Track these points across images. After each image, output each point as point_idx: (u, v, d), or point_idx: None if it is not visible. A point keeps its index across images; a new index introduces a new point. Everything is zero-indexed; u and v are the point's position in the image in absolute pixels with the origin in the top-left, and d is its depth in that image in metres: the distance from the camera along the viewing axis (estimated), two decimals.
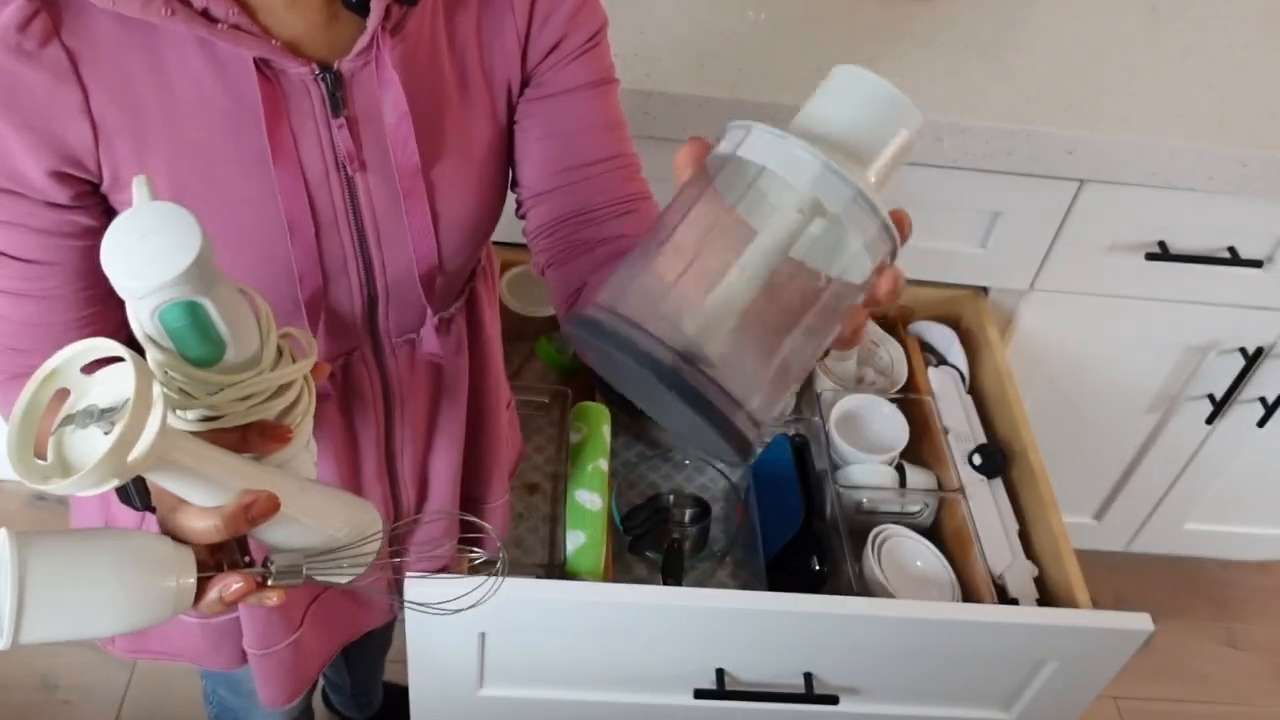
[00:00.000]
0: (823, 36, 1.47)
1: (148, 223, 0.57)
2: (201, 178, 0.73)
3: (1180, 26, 1.61)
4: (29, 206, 0.71)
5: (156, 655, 1.09)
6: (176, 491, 0.61)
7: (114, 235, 0.57)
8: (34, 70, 0.66)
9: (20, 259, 0.73)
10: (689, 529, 1.31)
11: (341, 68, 0.73)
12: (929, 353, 1.54)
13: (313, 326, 0.82)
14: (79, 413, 0.58)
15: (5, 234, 0.72)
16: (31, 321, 0.76)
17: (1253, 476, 1.88)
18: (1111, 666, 1.17)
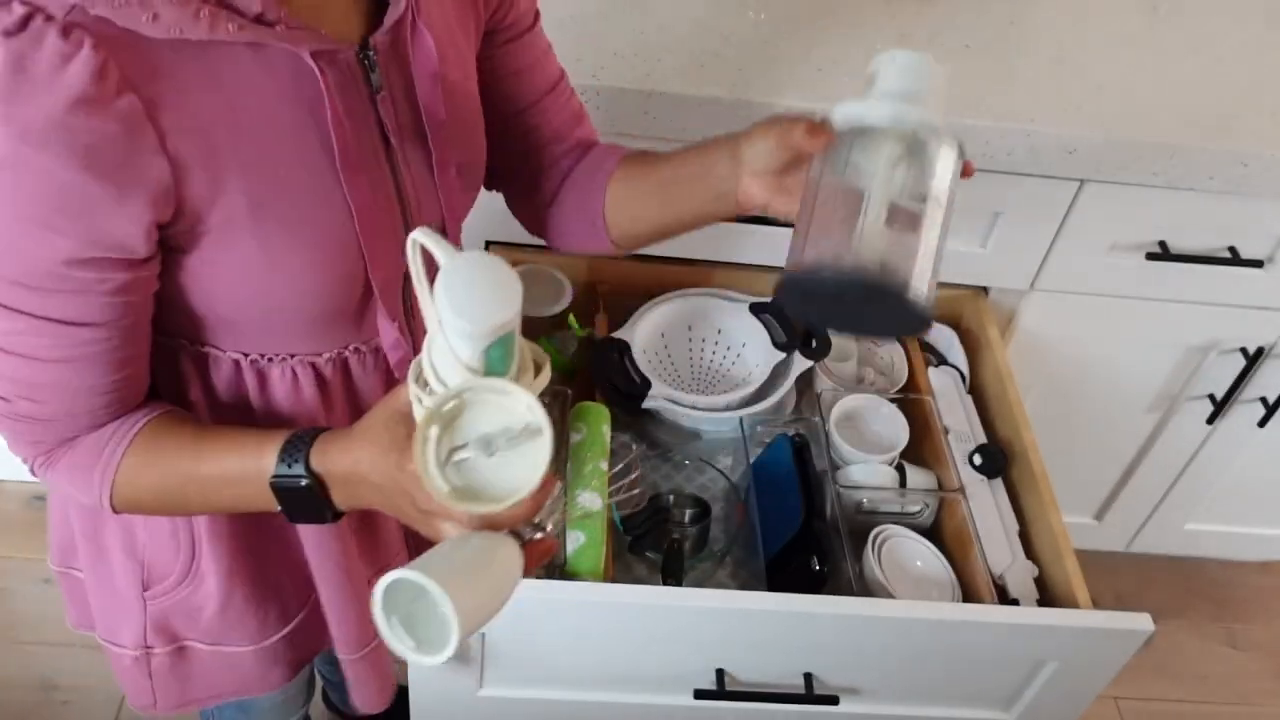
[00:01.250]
0: (823, 36, 1.47)
1: (466, 274, 0.65)
2: (274, 186, 0.73)
3: (1180, 26, 1.61)
4: (106, 270, 0.70)
5: (205, 702, 1.08)
6: None
7: (447, 293, 0.64)
8: (112, 122, 0.64)
9: (93, 324, 0.72)
10: (689, 529, 1.31)
11: (376, 42, 0.75)
12: (929, 353, 1.54)
13: (389, 309, 0.84)
14: (472, 442, 0.67)
15: (79, 303, 0.70)
16: (93, 385, 0.75)
17: (1253, 476, 1.88)
18: (1111, 666, 1.17)
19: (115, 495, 0.80)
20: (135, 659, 1.02)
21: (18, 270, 0.68)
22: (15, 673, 1.75)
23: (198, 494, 0.82)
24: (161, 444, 0.80)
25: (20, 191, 0.64)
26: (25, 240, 0.67)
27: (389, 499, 0.76)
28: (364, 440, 0.76)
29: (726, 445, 1.40)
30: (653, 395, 1.34)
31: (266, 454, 0.78)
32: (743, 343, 1.46)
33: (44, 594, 1.85)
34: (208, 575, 0.96)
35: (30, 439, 0.79)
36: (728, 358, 1.48)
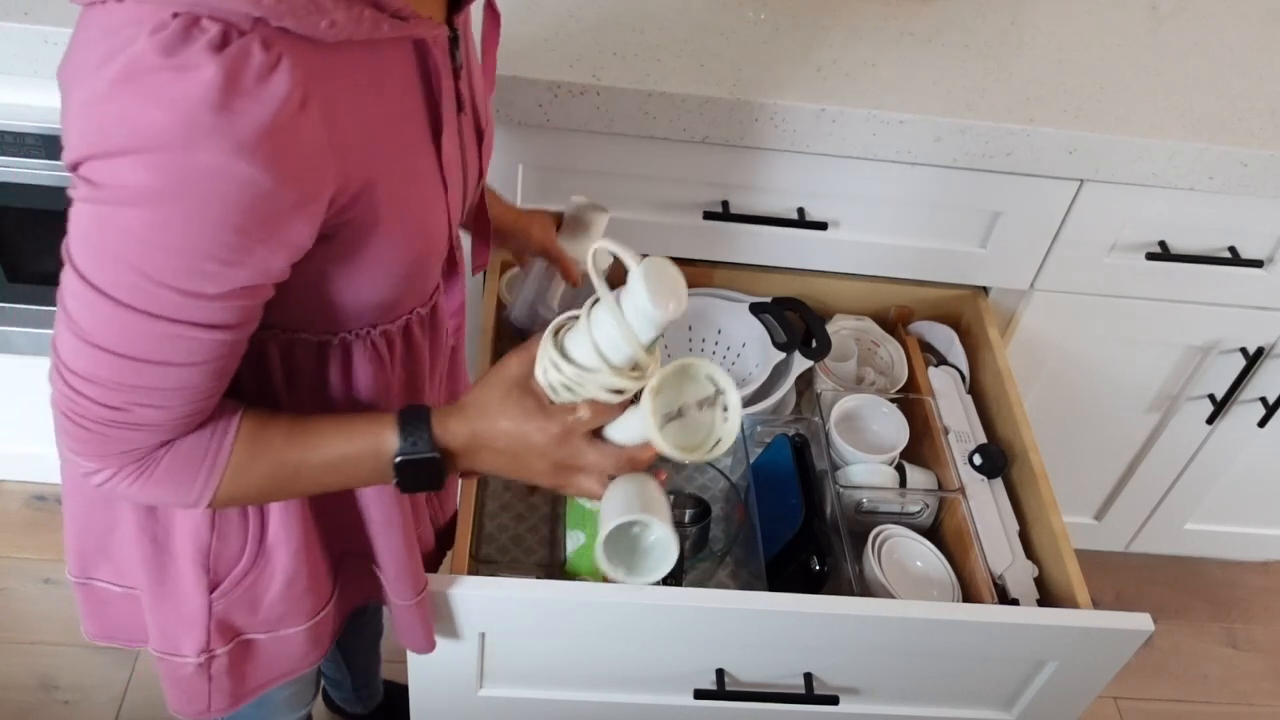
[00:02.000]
0: (823, 36, 1.47)
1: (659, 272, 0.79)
2: (402, 171, 0.77)
3: (1180, 26, 1.61)
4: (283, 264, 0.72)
5: (254, 693, 1.09)
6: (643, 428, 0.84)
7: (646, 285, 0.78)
8: (305, 130, 0.66)
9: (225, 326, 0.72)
10: (689, 529, 1.31)
11: (458, 22, 0.81)
12: (929, 353, 1.54)
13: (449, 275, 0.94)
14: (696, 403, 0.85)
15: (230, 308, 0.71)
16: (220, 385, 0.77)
17: (1253, 476, 1.88)
18: (1111, 666, 1.17)
19: (220, 490, 0.82)
20: (197, 666, 1.02)
21: (195, 280, 0.68)
22: (15, 673, 1.75)
23: (307, 478, 0.86)
24: (267, 436, 0.83)
25: (225, 202, 0.65)
26: (219, 249, 0.67)
27: (516, 461, 0.87)
28: (488, 412, 0.86)
29: None
30: None
31: (384, 435, 0.85)
32: (743, 343, 1.46)
33: (44, 594, 1.85)
34: (275, 550, 0.97)
35: (130, 446, 0.77)
36: (728, 358, 1.48)
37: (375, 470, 0.86)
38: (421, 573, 1.05)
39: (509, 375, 0.86)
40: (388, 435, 0.85)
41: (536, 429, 0.85)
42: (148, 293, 0.68)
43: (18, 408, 1.80)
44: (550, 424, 0.85)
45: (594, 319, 0.83)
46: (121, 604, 1.05)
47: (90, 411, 0.74)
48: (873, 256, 1.51)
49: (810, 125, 1.36)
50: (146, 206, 0.65)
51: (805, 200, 1.45)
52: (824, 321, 1.44)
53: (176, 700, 1.06)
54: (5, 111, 1.35)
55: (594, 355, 0.83)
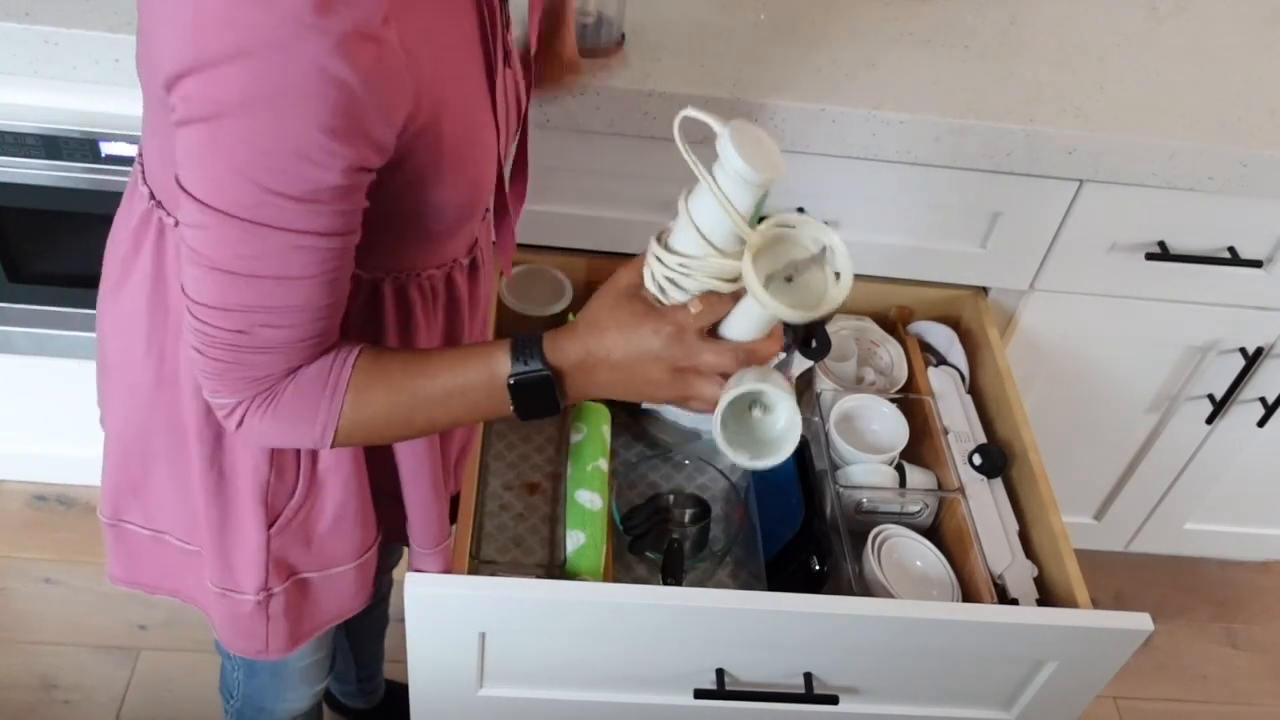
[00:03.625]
0: (823, 36, 1.47)
1: (748, 133, 0.79)
2: (457, 100, 0.80)
3: (1180, 26, 1.61)
4: (359, 178, 0.74)
5: (308, 635, 1.12)
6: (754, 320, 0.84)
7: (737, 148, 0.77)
8: (391, 43, 0.70)
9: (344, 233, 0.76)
10: (689, 529, 1.31)
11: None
12: (929, 353, 1.54)
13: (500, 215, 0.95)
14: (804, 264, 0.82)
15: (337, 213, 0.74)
16: (333, 302, 0.79)
17: (1253, 476, 1.88)
18: (1111, 666, 1.17)
19: (341, 425, 0.84)
20: (256, 604, 1.05)
21: (296, 184, 0.71)
22: (15, 673, 1.75)
23: (425, 408, 0.86)
24: (385, 365, 0.84)
25: (325, 101, 0.68)
26: (317, 151, 0.70)
27: (631, 374, 0.85)
28: (598, 324, 0.85)
29: None
30: None
31: (498, 359, 0.85)
32: None
33: (44, 594, 1.85)
34: (326, 481, 1.00)
35: (257, 374, 0.80)
36: None
37: (491, 395, 0.85)
38: (446, 524, 1.07)
39: (617, 286, 0.86)
40: (501, 358, 0.85)
41: (649, 331, 0.83)
42: (260, 202, 0.71)
43: (18, 408, 1.80)
44: (662, 324, 0.83)
45: (691, 203, 0.82)
46: (149, 548, 1.07)
47: (218, 338, 0.78)
48: (873, 256, 1.51)
49: (810, 125, 1.36)
50: (253, 111, 0.67)
51: (805, 200, 1.45)
52: (824, 321, 1.44)
53: (234, 638, 1.09)
54: (5, 111, 1.35)
55: (697, 240, 0.80)
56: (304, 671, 1.27)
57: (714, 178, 0.79)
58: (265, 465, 0.97)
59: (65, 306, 1.60)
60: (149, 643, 1.80)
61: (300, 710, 1.34)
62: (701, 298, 0.83)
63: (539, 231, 1.47)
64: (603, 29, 1.36)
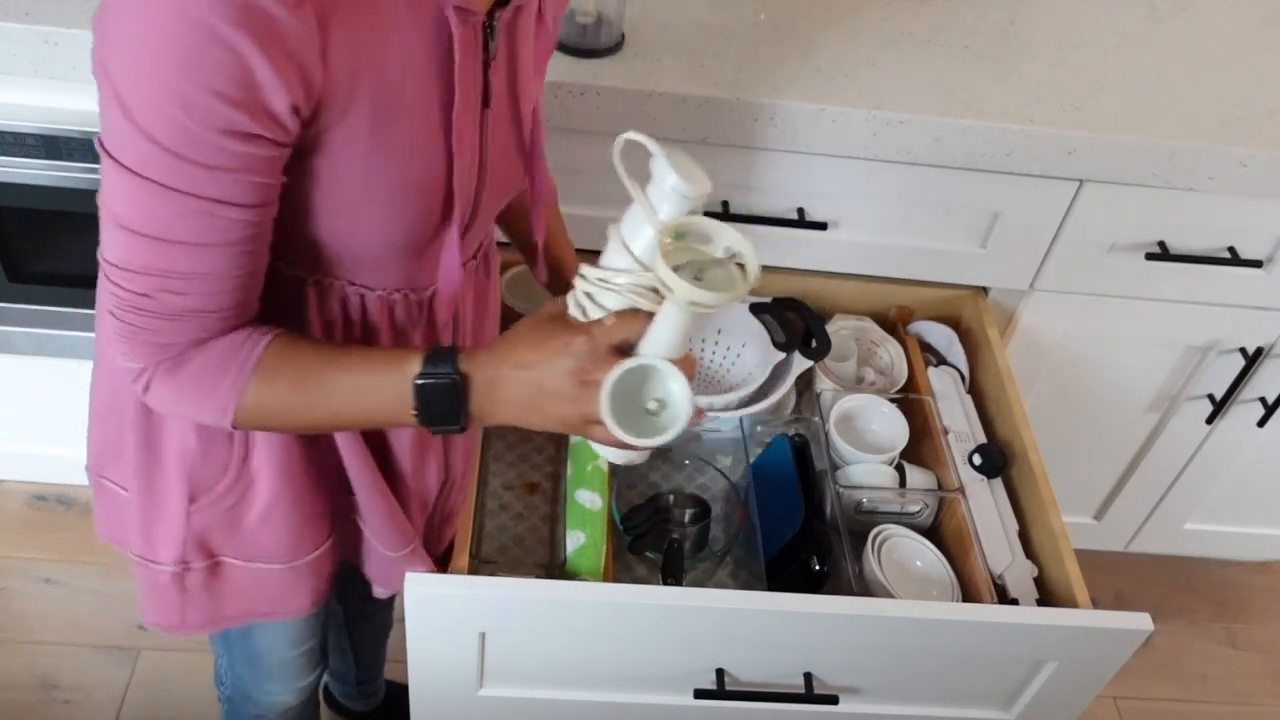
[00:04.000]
0: (823, 36, 1.47)
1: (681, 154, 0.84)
2: (393, 117, 0.80)
3: (1180, 26, 1.61)
4: (261, 148, 0.74)
5: (230, 621, 1.11)
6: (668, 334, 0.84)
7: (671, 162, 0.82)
8: (295, 17, 0.70)
9: (242, 204, 0.76)
10: (689, 529, 1.31)
11: (500, 16, 0.83)
12: (929, 353, 1.54)
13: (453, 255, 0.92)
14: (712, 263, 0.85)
15: (232, 181, 0.74)
16: (233, 273, 0.79)
17: (1253, 476, 1.88)
18: (1111, 666, 1.17)
19: (243, 402, 0.84)
20: (172, 575, 1.05)
21: (183, 140, 0.71)
22: (15, 673, 1.75)
23: (328, 400, 0.86)
24: (299, 349, 0.85)
25: (203, 59, 0.69)
26: (200, 110, 0.70)
27: (537, 391, 0.84)
28: (514, 342, 0.86)
29: (726, 445, 1.40)
30: None
31: (410, 360, 0.85)
32: (743, 343, 1.46)
33: (44, 594, 1.85)
34: (258, 477, 0.99)
35: (163, 340, 0.81)
36: (728, 358, 1.48)
37: (397, 395, 0.85)
38: (404, 525, 1.07)
39: (542, 313, 0.88)
40: (413, 359, 0.85)
41: (561, 343, 0.84)
42: (159, 162, 0.72)
43: (18, 408, 1.80)
44: (575, 335, 0.83)
45: (622, 223, 0.85)
46: (127, 508, 1.07)
47: (125, 301, 0.79)
48: (873, 256, 1.51)
49: (810, 125, 1.36)
50: (146, 65, 0.69)
51: (805, 200, 1.45)
52: (824, 321, 1.44)
53: (151, 610, 1.09)
54: (5, 111, 1.35)
55: (621, 253, 0.83)
56: (283, 665, 1.26)
57: (645, 193, 0.83)
58: (192, 437, 0.97)
59: (65, 306, 1.60)
60: (149, 643, 1.80)
61: (289, 705, 1.34)
62: (617, 313, 0.84)
63: None
64: (603, 29, 1.36)
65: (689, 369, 0.85)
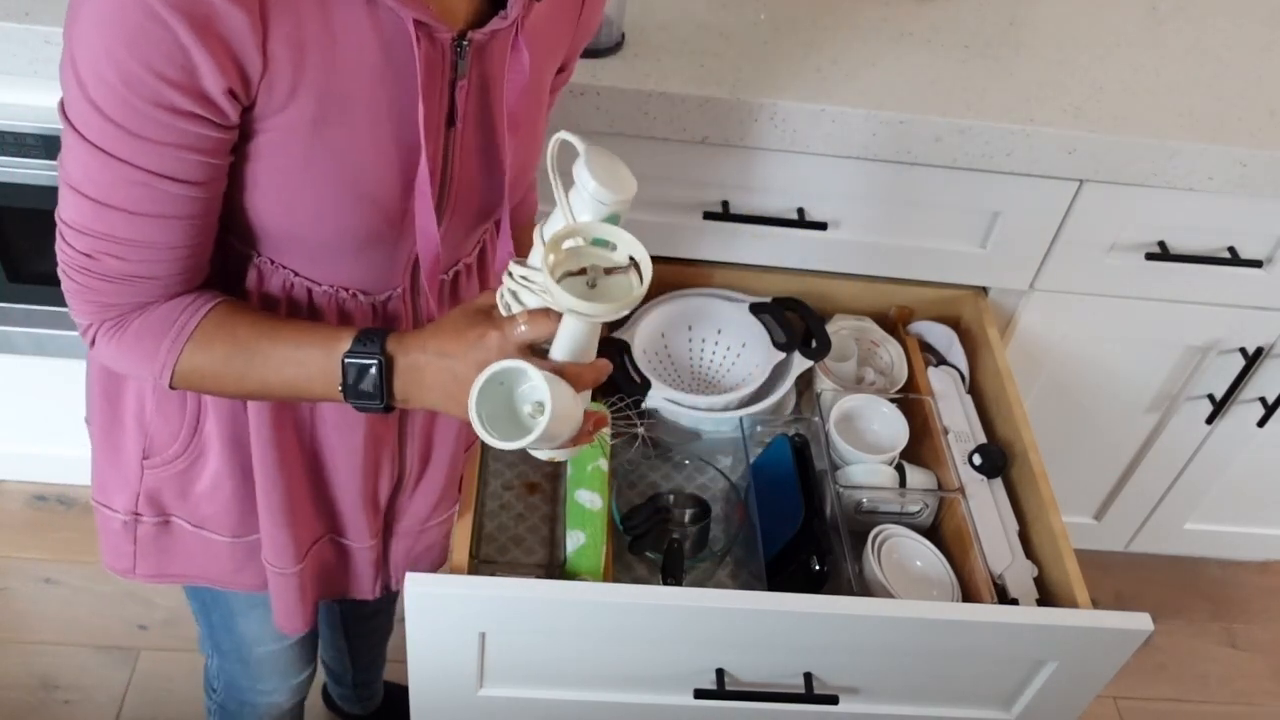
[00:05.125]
0: (823, 36, 1.47)
1: (603, 156, 0.82)
2: (340, 119, 0.81)
3: (1180, 26, 1.61)
4: (199, 127, 0.76)
5: (178, 578, 1.14)
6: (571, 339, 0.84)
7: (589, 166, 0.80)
8: (235, 7, 0.72)
9: (181, 180, 0.78)
10: (689, 529, 1.31)
11: (474, 37, 0.83)
12: (929, 353, 1.54)
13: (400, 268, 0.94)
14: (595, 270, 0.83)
15: (172, 156, 0.77)
16: (172, 243, 0.82)
17: (1253, 476, 1.88)
18: (1111, 666, 1.17)
19: (180, 363, 0.87)
20: (124, 524, 1.08)
21: (124, 112, 0.74)
22: (15, 673, 1.75)
23: (261, 371, 0.88)
24: (238, 319, 0.88)
25: (142, 36, 0.71)
26: (136, 82, 0.73)
27: (451, 377, 0.86)
28: (439, 329, 0.87)
29: (726, 445, 1.40)
30: (653, 395, 1.34)
31: (341, 338, 0.87)
32: (743, 343, 1.46)
33: (44, 594, 1.85)
34: (208, 446, 1.02)
35: (105, 300, 0.84)
36: (728, 358, 1.48)
37: (325, 370, 0.87)
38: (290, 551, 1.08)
39: (473, 303, 0.89)
40: (344, 337, 0.87)
41: (475, 335, 0.85)
42: (103, 129, 0.75)
43: (18, 408, 1.80)
44: (490, 329, 0.85)
45: (548, 221, 0.85)
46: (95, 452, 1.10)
47: (72, 260, 0.82)
48: (873, 256, 1.51)
49: (810, 125, 1.36)
50: (90, 34, 0.72)
51: (805, 200, 1.45)
52: (824, 321, 1.44)
53: (106, 553, 1.12)
54: (5, 111, 1.35)
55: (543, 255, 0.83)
56: (272, 658, 1.27)
57: (567, 196, 0.83)
58: (149, 397, 1.00)
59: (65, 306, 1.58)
60: (149, 643, 1.80)
61: (282, 705, 1.34)
62: (530, 313, 0.85)
63: None
64: (603, 29, 1.36)
65: (590, 374, 0.86)
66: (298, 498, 1.06)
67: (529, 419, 0.86)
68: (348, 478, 1.07)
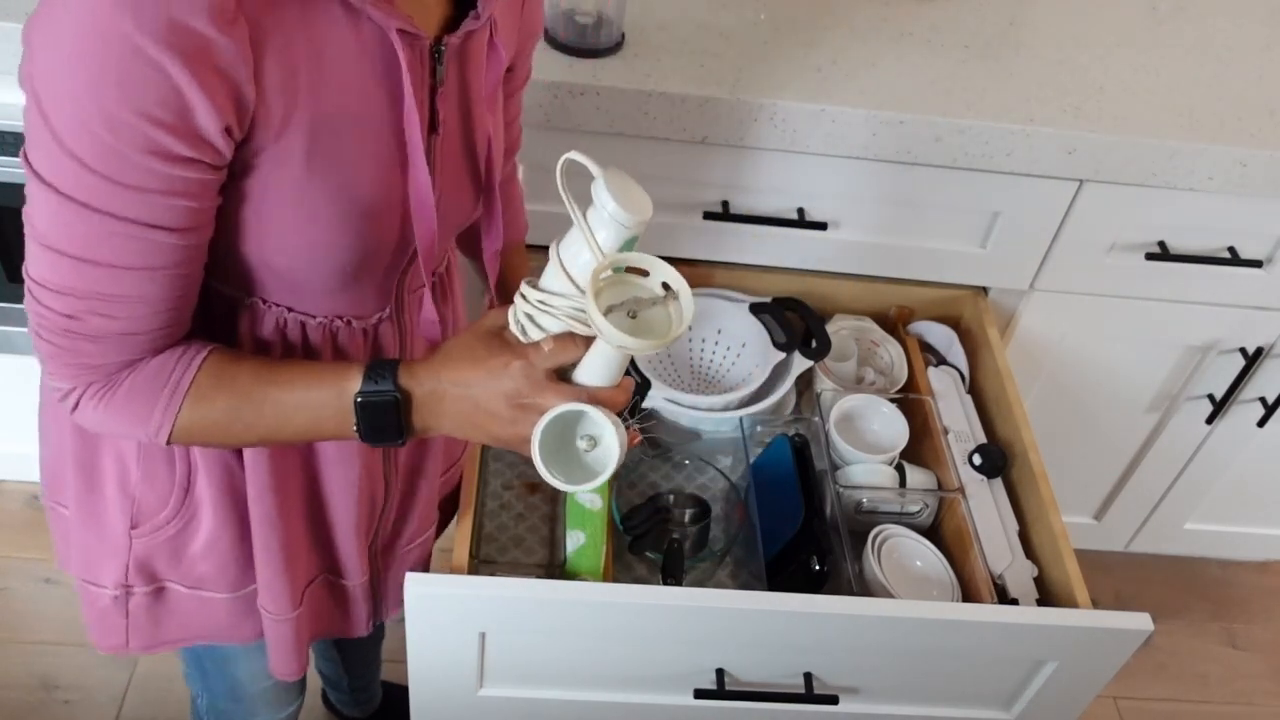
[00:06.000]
0: (823, 36, 1.47)
1: (621, 178, 0.81)
2: (333, 138, 0.78)
3: (1180, 26, 1.61)
4: (192, 171, 0.72)
5: (175, 644, 1.10)
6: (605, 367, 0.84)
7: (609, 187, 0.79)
8: (227, 38, 0.69)
9: (170, 228, 0.74)
10: (689, 529, 1.32)
11: (450, 41, 0.81)
12: (929, 353, 1.54)
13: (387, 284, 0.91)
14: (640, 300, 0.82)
15: (161, 204, 0.72)
16: (163, 296, 0.77)
17: (1253, 476, 1.88)
18: (1111, 666, 1.17)
19: (180, 419, 0.82)
20: (114, 599, 1.04)
21: (110, 163, 0.70)
22: (15, 673, 1.75)
23: (269, 418, 0.85)
24: (236, 368, 0.84)
25: (133, 81, 0.67)
26: (128, 132, 0.68)
27: (474, 407, 0.84)
28: (453, 357, 0.85)
29: (726, 445, 1.40)
30: (653, 395, 1.34)
31: (350, 376, 0.84)
32: (743, 343, 1.47)
33: (44, 594, 1.85)
34: (200, 507, 0.98)
35: (90, 363, 0.79)
36: (728, 358, 1.48)
37: (338, 412, 0.85)
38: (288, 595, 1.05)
39: (481, 325, 0.87)
40: (354, 375, 0.84)
41: (500, 364, 0.83)
42: (83, 181, 0.70)
43: (18, 408, 1.80)
44: (513, 358, 0.83)
45: (562, 244, 0.83)
46: (71, 530, 1.06)
47: (50, 322, 0.76)
48: (873, 256, 1.51)
49: (810, 125, 1.36)
50: (66, 80, 0.67)
51: (805, 200, 1.45)
52: (824, 321, 1.44)
53: (95, 633, 1.08)
54: (5, 111, 1.35)
55: (561, 277, 0.82)
56: (265, 694, 1.25)
57: (585, 217, 0.81)
58: (132, 464, 0.96)
59: None
60: None
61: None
62: (555, 338, 0.83)
63: (539, 231, 1.47)
64: (603, 29, 1.36)
65: (622, 396, 0.85)
66: (295, 540, 1.02)
67: (584, 454, 0.86)
68: (345, 513, 1.04)
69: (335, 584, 1.11)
